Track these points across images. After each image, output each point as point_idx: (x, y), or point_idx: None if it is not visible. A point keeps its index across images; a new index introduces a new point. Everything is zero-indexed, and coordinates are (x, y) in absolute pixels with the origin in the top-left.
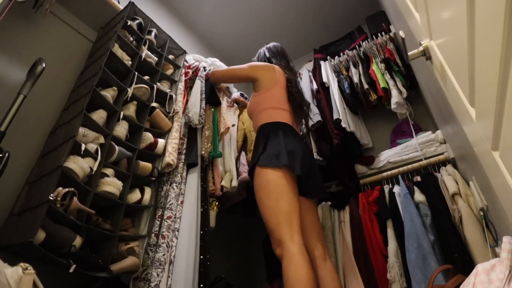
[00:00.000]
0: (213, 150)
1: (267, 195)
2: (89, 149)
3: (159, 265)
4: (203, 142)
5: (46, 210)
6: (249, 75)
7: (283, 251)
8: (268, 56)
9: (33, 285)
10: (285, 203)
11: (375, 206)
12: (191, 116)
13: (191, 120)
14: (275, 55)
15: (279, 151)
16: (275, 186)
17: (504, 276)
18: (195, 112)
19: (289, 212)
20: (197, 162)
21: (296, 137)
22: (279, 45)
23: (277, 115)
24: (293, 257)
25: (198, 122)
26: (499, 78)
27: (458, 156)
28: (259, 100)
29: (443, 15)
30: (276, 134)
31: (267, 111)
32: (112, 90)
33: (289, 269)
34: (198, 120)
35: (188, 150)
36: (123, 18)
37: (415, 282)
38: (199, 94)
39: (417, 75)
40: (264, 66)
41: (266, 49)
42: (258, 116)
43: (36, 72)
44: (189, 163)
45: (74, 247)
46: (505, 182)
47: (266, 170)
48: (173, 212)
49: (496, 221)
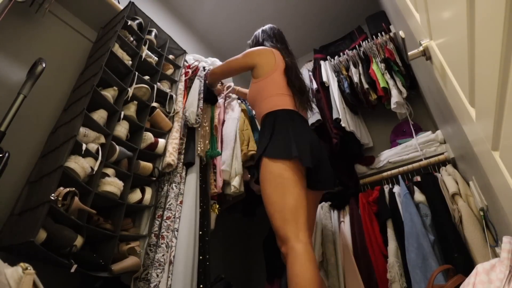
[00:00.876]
0: (210, 149)
1: (273, 189)
2: (90, 149)
3: (158, 265)
4: (201, 141)
5: (47, 210)
6: (246, 64)
7: (288, 249)
8: (264, 38)
9: (33, 285)
10: (292, 198)
11: (375, 206)
12: (188, 115)
13: (188, 119)
14: (270, 37)
15: (288, 141)
16: (282, 180)
17: (504, 276)
18: (192, 111)
19: (295, 208)
20: (194, 161)
21: (304, 125)
22: (276, 27)
23: (282, 102)
24: (298, 257)
25: (194, 121)
26: (499, 78)
27: (458, 156)
28: (260, 87)
29: (443, 15)
30: (283, 123)
31: (271, 98)
32: (113, 90)
33: (294, 269)
34: (195, 120)
35: (186, 149)
36: (123, 18)
37: (415, 282)
38: (197, 94)
39: (417, 75)
40: (261, 51)
41: (262, 32)
42: (262, 104)
43: (36, 72)
44: (186, 162)
45: (75, 247)
46: (505, 182)
47: (274, 161)
48: (173, 212)
49: (496, 221)
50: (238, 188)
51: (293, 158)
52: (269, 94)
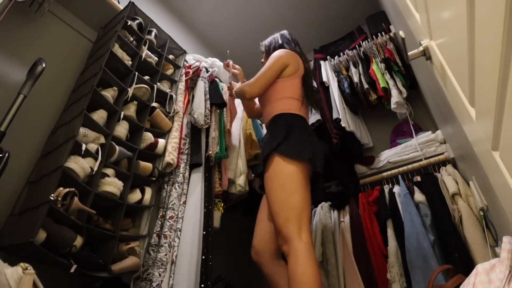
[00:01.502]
0: (220, 151)
1: (281, 187)
2: (89, 149)
3: (161, 265)
4: (211, 143)
5: (47, 210)
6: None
7: (290, 249)
8: (283, 41)
9: (33, 285)
10: (299, 198)
11: (375, 206)
12: (197, 117)
13: (197, 121)
14: (289, 41)
15: (303, 144)
16: (291, 179)
17: (504, 276)
18: (200, 113)
19: (301, 208)
20: (201, 162)
21: (314, 133)
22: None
23: (298, 108)
24: (300, 257)
25: (204, 122)
26: (499, 78)
27: (458, 156)
28: (279, 87)
29: (443, 15)
30: (300, 127)
31: (287, 100)
32: (113, 90)
33: (296, 268)
34: (204, 121)
35: (192, 150)
36: (123, 18)
37: (415, 282)
38: (203, 95)
39: (417, 75)
40: (291, 52)
41: (281, 36)
42: (276, 103)
43: (36, 72)
44: (193, 163)
45: (75, 247)
46: (505, 182)
47: (286, 160)
48: (175, 212)
49: (496, 221)
50: (244, 187)
51: (306, 160)
52: (286, 95)
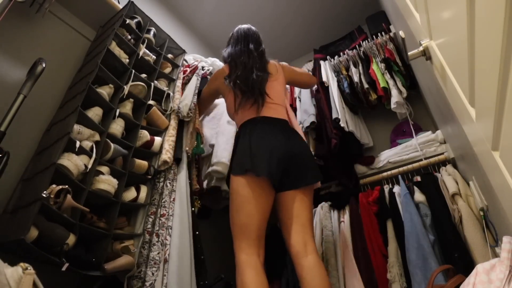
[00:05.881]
0: (196, 147)
1: (231, 204)
2: (84, 146)
3: (154, 264)
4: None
5: (39, 208)
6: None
7: (235, 260)
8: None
9: (33, 285)
10: (242, 215)
11: (375, 206)
12: (181, 107)
13: (180, 111)
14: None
15: (242, 156)
16: (237, 196)
17: (504, 276)
18: (185, 104)
19: (244, 225)
20: (181, 157)
21: (267, 128)
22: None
23: (239, 118)
24: (239, 266)
25: (186, 114)
26: (499, 78)
27: (458, 156)
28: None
29: (443, 15)
30: (243, 138)
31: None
32: (108, 88)
33: (237, 278)
34: (187, 113)
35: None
36: (121, 17)
37: (415, 282)
38: (193, 89)
39: (417, 75)
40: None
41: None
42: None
43: (36, 72)
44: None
45: (67, 245)
46: (505, 182)
47: (233, 177)
48: (167, 209)
49: (496, 221)
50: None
51: (245, 172)
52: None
